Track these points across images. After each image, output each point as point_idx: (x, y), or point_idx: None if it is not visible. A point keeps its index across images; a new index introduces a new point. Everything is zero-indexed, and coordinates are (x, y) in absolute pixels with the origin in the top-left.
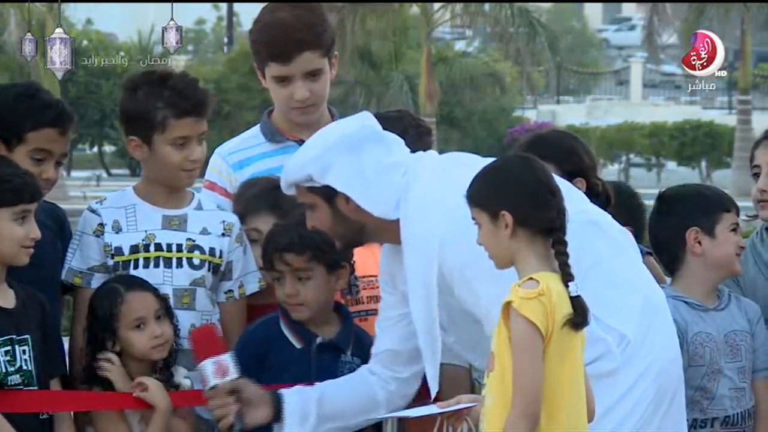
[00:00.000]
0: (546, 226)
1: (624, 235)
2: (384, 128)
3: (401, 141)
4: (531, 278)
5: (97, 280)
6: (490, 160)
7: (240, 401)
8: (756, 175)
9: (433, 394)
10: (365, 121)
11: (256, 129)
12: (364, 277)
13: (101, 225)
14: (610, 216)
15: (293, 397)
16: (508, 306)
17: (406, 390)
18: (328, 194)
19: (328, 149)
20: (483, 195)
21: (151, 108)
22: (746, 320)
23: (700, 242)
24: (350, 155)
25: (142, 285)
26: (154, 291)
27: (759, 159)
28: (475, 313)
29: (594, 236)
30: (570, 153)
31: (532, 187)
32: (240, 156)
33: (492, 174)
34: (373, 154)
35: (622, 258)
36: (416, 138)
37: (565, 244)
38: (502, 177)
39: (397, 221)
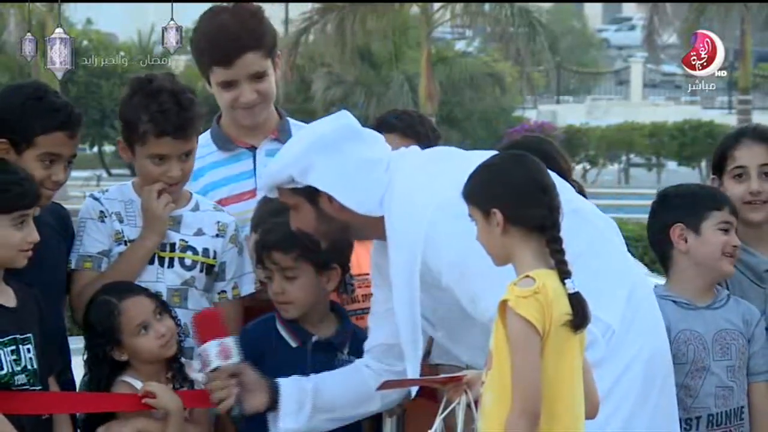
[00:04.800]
0: (537, 224)
1: (608, 225)
2: (410, 124)
3: (380, 137)
4: (527, 276)
5: (106, 265)
6: (475, 152)
7: (240, 386)
8: (738, 176)
9: (413, 389)
10: (343, 119)
11: (206, 136)
12: (359, 275)
13: (102, 212)
14: (594, 206)
15: (289, 386)
16: (504, 304)
17: None
18: (311, 194)
19: (308, 149)
20: (475, 193)
21: (136, 119)
22: (742, 321)
23: (686, 239)
24: (330, 154)
25: (132, 290)
26: (145, 291)
27: (743, 159)
28: (469, 310)
29: (578, 226)
30: (546, 158)
31: (522, 184)
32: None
33: (484, 172)
34: (354, 151)
35: (606, 247)
36: (434, 141)
37: (559, 241)
38: (493, 175)
39: (383, 218)
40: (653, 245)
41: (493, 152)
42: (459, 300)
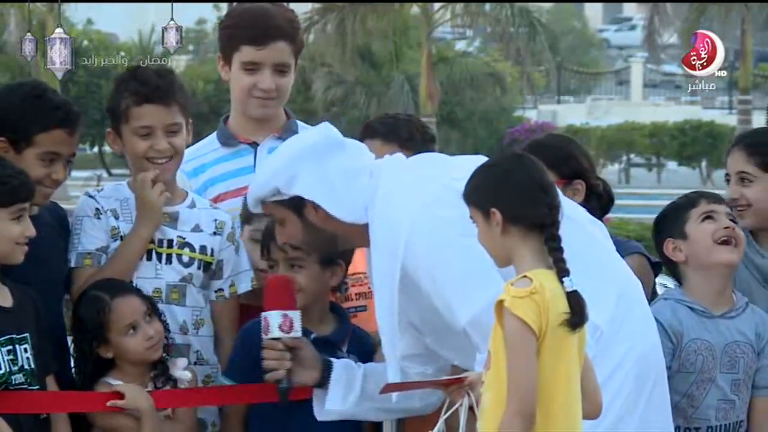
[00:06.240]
0: (537, 222)
1: (598, 228)
2: (392, 128)
3: (364, 146)
4: (525, 276)
5: (105, 260)
6: (460, 157)
7: (294, 360)
8: (727, 182)
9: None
10: (326, 131)
11: (212, 136)
12: (353, 274)
13: (98, 209)
14: (584, 210)
15: (341, 368)
16: (501, 305)
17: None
18: (297, 205)
19: (293, 160)
20: (475, 193)
21: (119, 99)
22: (754, 334)
23: (680, 249)
24: (315, 163)
25: (126, 289)
26: (138, 292)
27: (728, 167)
28: (446, 317)
29: (568, 229)
30: (567, 157)
31: (521, 183)
32: (195, 163)
33: (483, 172)
34: (338, 160)
35: (596, 250)
36: (420, 143)
37: (558, 239)
38: (492, 175)
39: (367, 225)
40: (668, 270)
41: (482, 157)
42: (436, 307)
